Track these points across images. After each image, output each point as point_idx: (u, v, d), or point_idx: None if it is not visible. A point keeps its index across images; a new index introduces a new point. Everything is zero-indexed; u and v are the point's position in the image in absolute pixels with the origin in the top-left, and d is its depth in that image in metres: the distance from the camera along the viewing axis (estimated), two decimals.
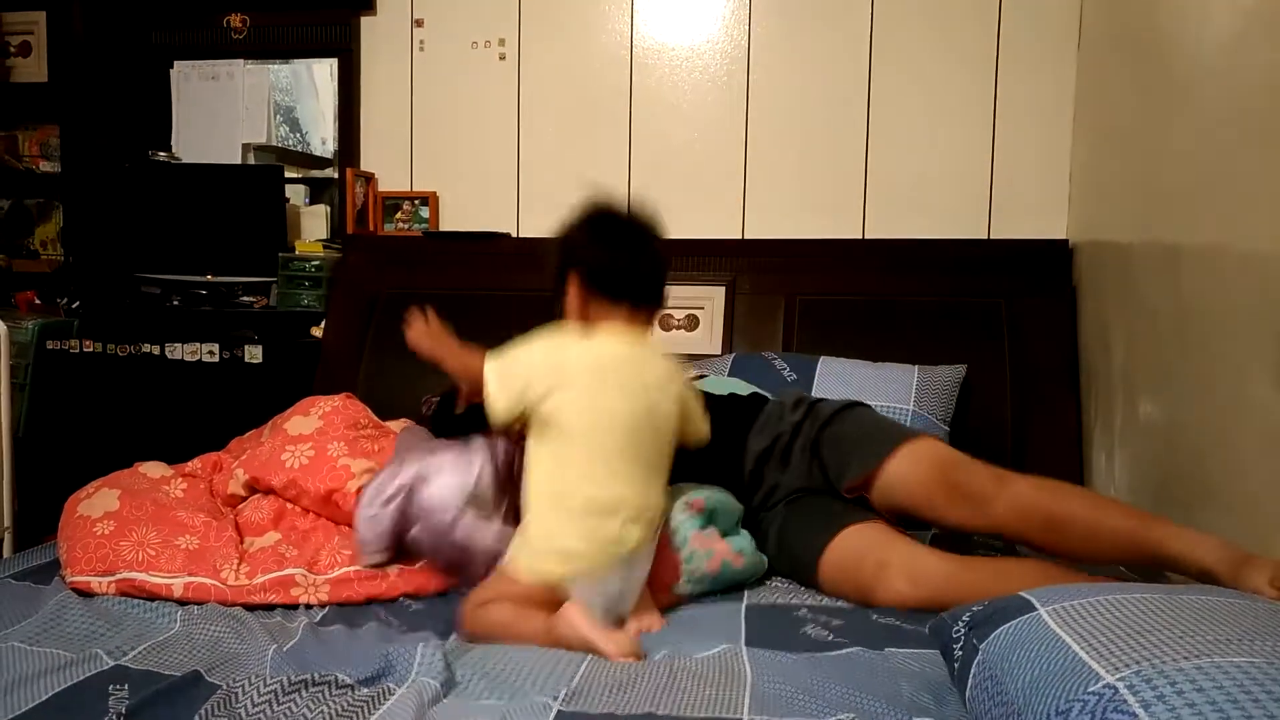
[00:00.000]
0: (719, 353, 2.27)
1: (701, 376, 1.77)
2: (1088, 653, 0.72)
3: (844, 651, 1.11)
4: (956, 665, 0.91)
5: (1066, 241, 2.30)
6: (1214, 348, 1.37)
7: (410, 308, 1.41)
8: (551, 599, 1.16)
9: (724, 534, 1.41)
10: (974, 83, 2.40)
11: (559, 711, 0.94)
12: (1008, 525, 1.32)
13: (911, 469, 1.38)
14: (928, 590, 1.25)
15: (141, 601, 1.29)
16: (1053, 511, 1.30)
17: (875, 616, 1.24)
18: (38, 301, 2.75)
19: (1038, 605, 0.84)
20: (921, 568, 1.27)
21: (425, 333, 1.35)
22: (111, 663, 1.06)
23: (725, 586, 1.37)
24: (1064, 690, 0.69)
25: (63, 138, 2.73)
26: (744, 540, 1.42)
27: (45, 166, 2.79)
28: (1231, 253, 1.33)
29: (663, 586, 1.32)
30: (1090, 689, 0.67)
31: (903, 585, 1.27)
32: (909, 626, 1.19)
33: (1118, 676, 0.66)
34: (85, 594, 1.31)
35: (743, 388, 1.75)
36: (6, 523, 1.94)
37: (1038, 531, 1.30)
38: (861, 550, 1.33)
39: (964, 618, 0.93)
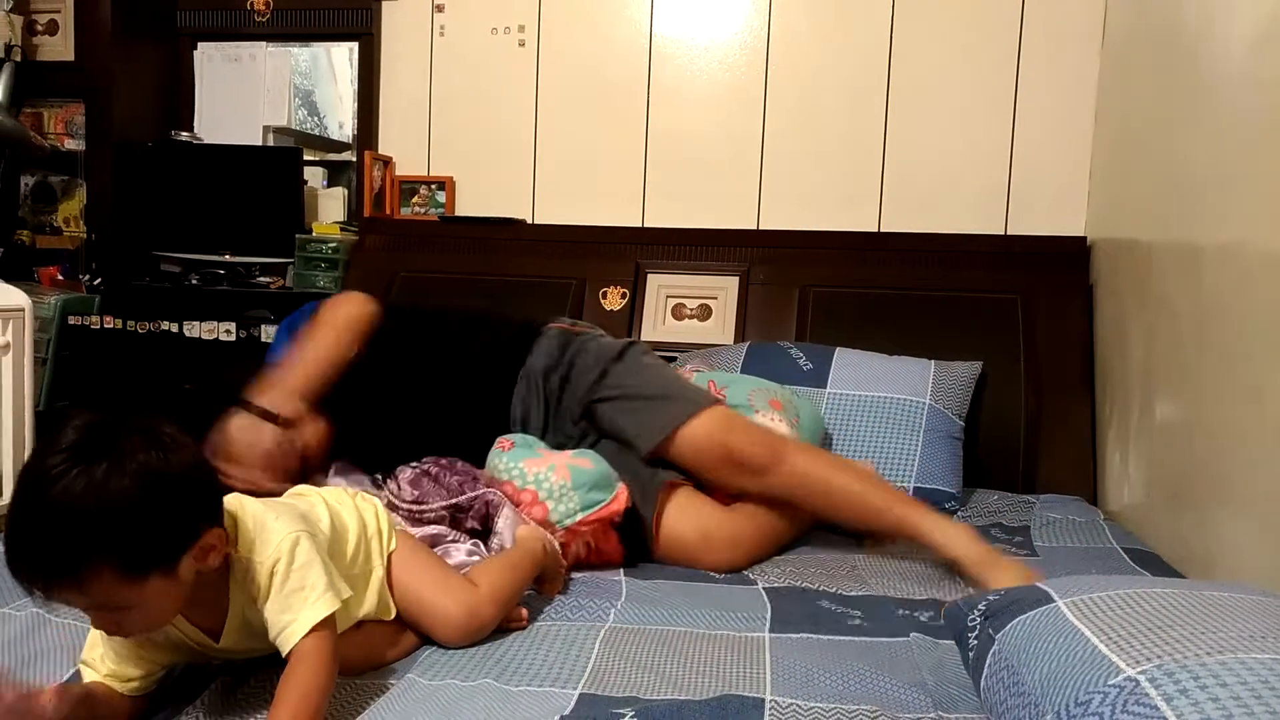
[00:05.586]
0: (731, 342, 2.27)
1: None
2: (1107, 645, 0.72)
3: (865, 640, 1.11)
4: (971, 654, 0.92)
5: (1085, 238, 2.29)
6: (1234, 346, 1.37)
7: None
8: None
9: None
10: (995, 76, 2.39)
11: (581, 694, 0.95)
12: (782, 493, 1.47)
13: (699, 441, 1.47)
14: (744, 552, 1.44)
15: None
16: (826, 484, 1.46)
17: (898, 610, 1.24)
18: (60, 277, 2.78)
19: (1056, 597, 0.85)
20: (738, 535, 1.45)
21: None
22: None
23: (591, 504, 1.36)
24: (1083, 682, 0.69)
25: (87, 116, 2.75)
26: (583, 450, 1.46)
27: (70, 144, 2.81)
28: (1253, 251, 1.32)
29: (546, 527, 1.35)
30: (1111, 681, 0.67)
31: (727, 553, 1.42)
32: (926, 617, 1.20)
33: (1139, 670, 0.66)
34: None
35: (763, 389, 1.76)
36: None
37: (809, 499, 1.48)
38: (686, 517, 1.45)
39: (979, 606, 0.93)
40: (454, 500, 1.33)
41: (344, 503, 1.09)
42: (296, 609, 0.87)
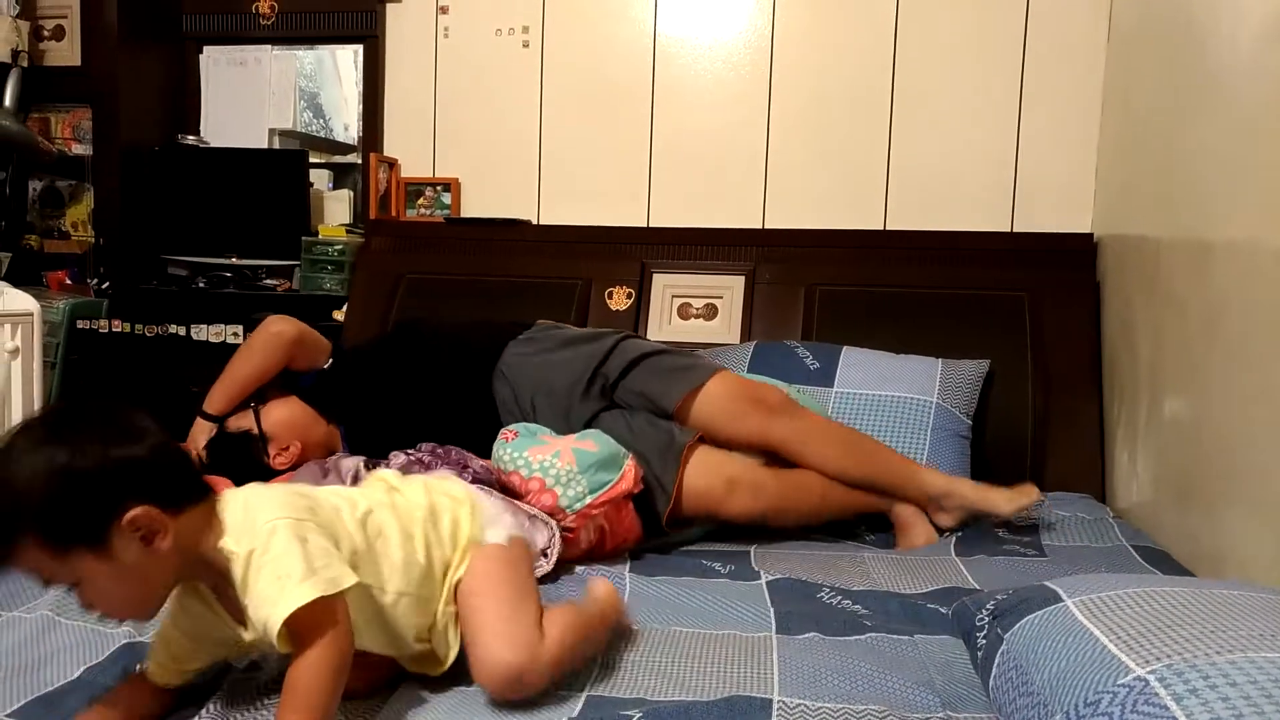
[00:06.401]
0: (737, 342, 2.27)
1: None
2: (1117, 645, 0.72)
3: (872, 638, 1.11)
4: (980, 654, 0.92)
5: (1092, 235, 2.28)
6: (1243, 344, 1.36)
7: None
8: None
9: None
10: (1000, 72, 2.38)
11: (589, 696, 0.95)
12: (801, 436, 1.59)
13: (729, 388, 1.64)
14: (765, 502, 1.55)
15: None
16: (837, 433, 1.65)
17: (901, 606, 1.24)
18: (69, 282, 2.79)
19: (1064, 596, 0.84)
20: (761, 483, 1.56)
21: None
22: (141, 638, 1.07)
23: (599, 485, 1.38)
24: (1093, 682, 0.69)
25: (94, 121, 2.76)
26: (586, 432, 1.48)
27: (77, 149, 2.83)
28: (1262, 248, 1.31)
29: (557, 514, 1.36)
30: (1120, 681, 0.67)
31: (749, 499, 1.53)
32: (932, 606, 1.20)
33: (1148, 669, 0.66)
34: None
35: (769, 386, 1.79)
36: None
37: (821, 445, 1.60)
38: (710, 470, 1.54)
39: (988, 606, 0.93)
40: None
41: (413, 516, 0.97)
42: (273, 601, 0.82)
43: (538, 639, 0.93)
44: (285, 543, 0.84)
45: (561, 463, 1.38)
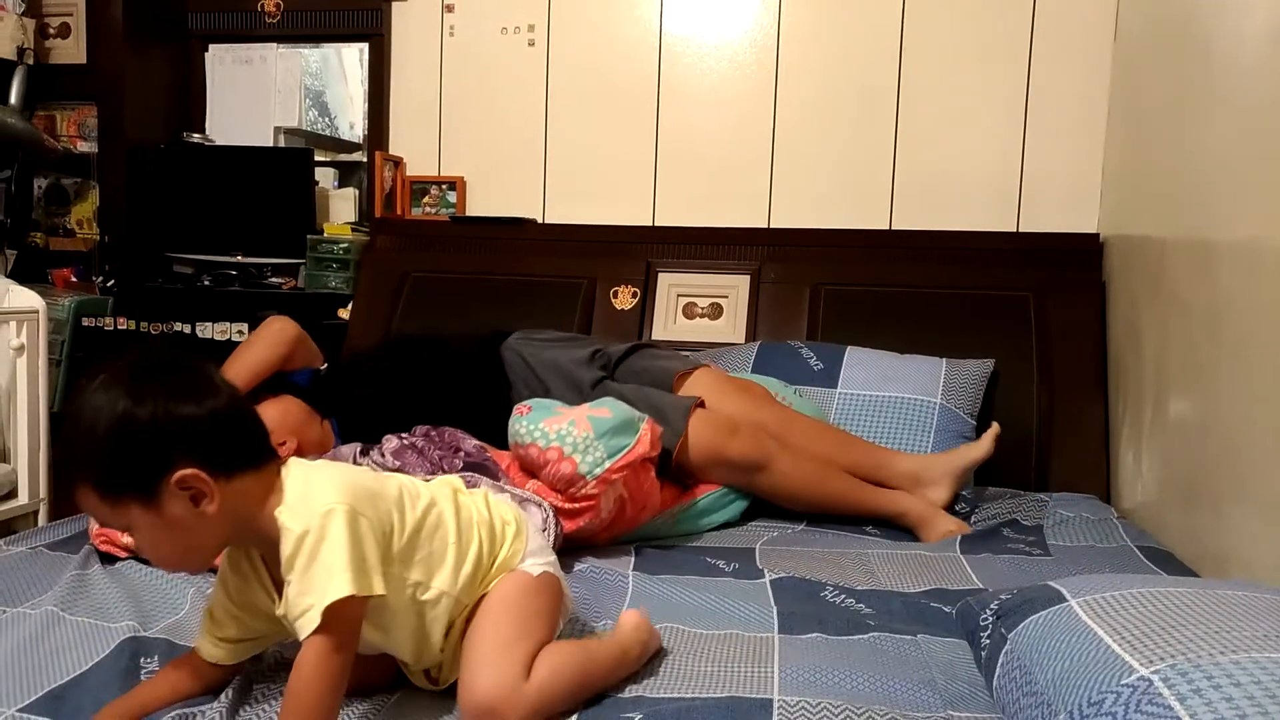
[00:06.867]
0: (742, 341, 2.27)
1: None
2: (1121, 645, 0.72)
3: (874, 636, 1.11)
4: (983, 653, 0.92)
5: (1097, 235, 2.28)
6: (1249, 344, 1.36)
7: None
8: None
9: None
10: (1006, 72, 2.37)
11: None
12: (781, 419, 1.73)
13: (715, 373, 1.83)
14: (764, 452, 1.64)
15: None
16: (812, 421, 1.77)
17: (904, 605, 1.24)
18: (74, 279, 2.81)
19: (1069, 596, 0.84)
20: (759, 432, 1.66)
21: None
22: (144, 632, 1.08)
23: (617, 449, 1.38)
24: (1096, 682, 0.69)
25: (100, 118, 2.77)
26: (600, 400, 1.49)
27: (82, 146, 2.84)
28: (1266, 248, 1.31)
29: (569, 485, 1.36)
30: (1124, 681, 0.67)
31: (750, 441, 1.63)
32: (935, 606, 1.20)
33: (1152, 669, 0.66)
34: (112, 558, 1.34)
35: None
36: (42, 494, 1.99)
37: (800, 429, 1.72)
38: (713, 418, 1.65)
39: (992, 605, 0.93)
40: (428, 478, 1.34)
41: (473, 520, 0.97)
42: (321, 590, 0.80)
43: (520, 680, 0.88)
44: (338, 532, 0.82)
45: (578, 430, 1.37)
